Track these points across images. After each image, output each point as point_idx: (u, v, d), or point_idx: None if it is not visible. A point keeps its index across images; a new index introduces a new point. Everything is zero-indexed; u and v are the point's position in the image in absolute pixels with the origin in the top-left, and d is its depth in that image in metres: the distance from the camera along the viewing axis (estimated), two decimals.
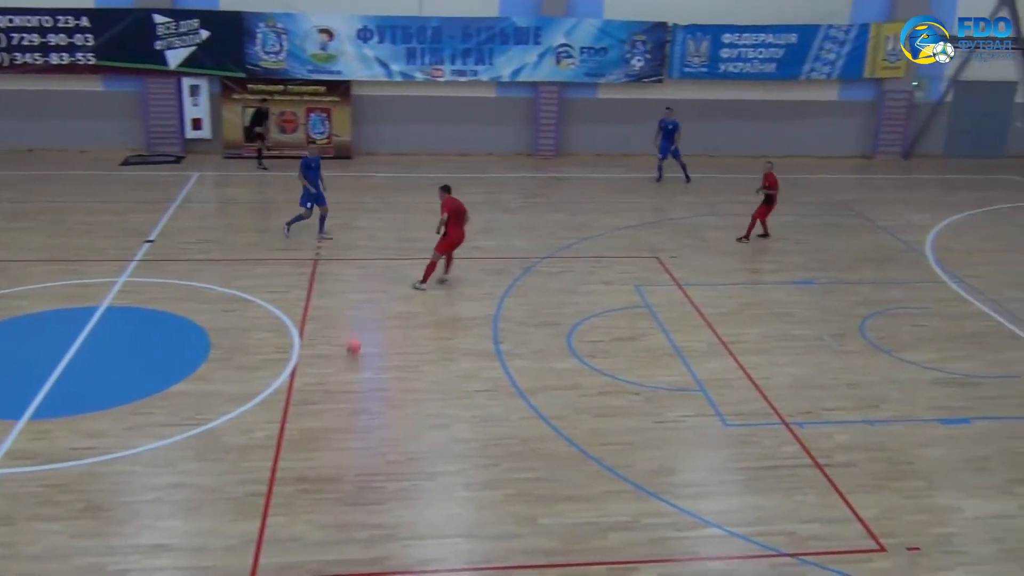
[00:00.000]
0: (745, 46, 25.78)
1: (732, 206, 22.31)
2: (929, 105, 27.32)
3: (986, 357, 14.61)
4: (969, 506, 10.75)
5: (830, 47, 26.02)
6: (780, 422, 12.41)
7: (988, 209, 22.79)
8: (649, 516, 10.31)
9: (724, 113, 26.26)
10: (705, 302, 16.25)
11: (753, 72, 26.06)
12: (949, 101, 27.46)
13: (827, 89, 27.04)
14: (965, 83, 27.21)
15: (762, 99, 26.62)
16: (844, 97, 27.19)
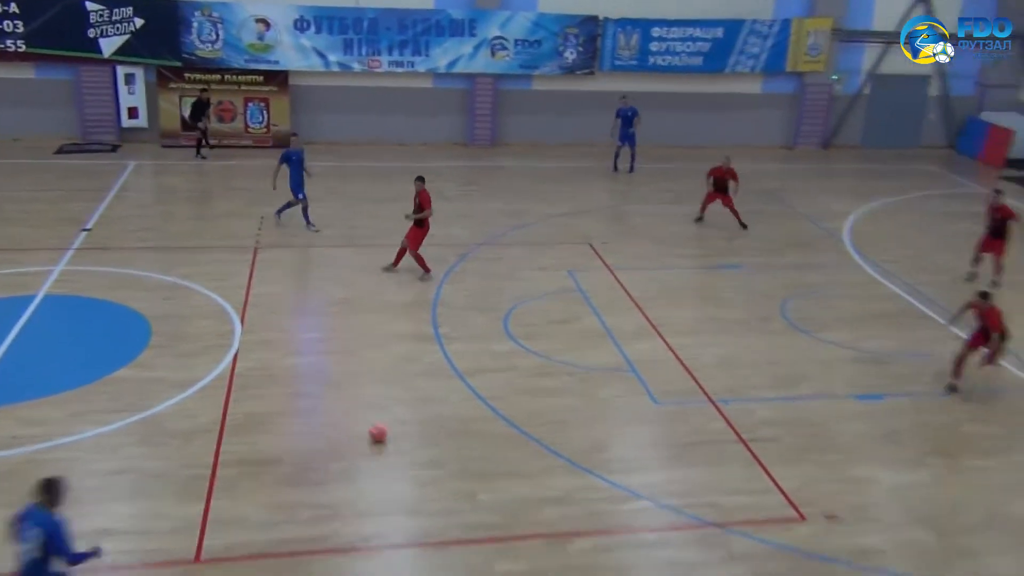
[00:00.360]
0: (673, 40, 26.12)
1: (661, 195, 22.70)
2: (847, 98, 28.01)
3: (899, 336, 15.14)
4: (883, 477, 11.20)
5: (754, 41, 26.50)
6: (707, 400, 12.74)
7: (902, 197, 23.49)
8: (583, 490, 10.54)
9: (653, 104, 26.55)
10: (635, 286, 16.54)
11: (681, 65, 26.43)
12: (867, 94, 28.18)
13: (751, 82, 27.54)
14: (882, 77, 27.96)
15: (689, 91, 27.01)
16: (767, 90, 27.71)
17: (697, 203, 20.73)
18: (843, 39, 27.22)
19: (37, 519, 7.27)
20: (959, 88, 28.42)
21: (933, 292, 17.02)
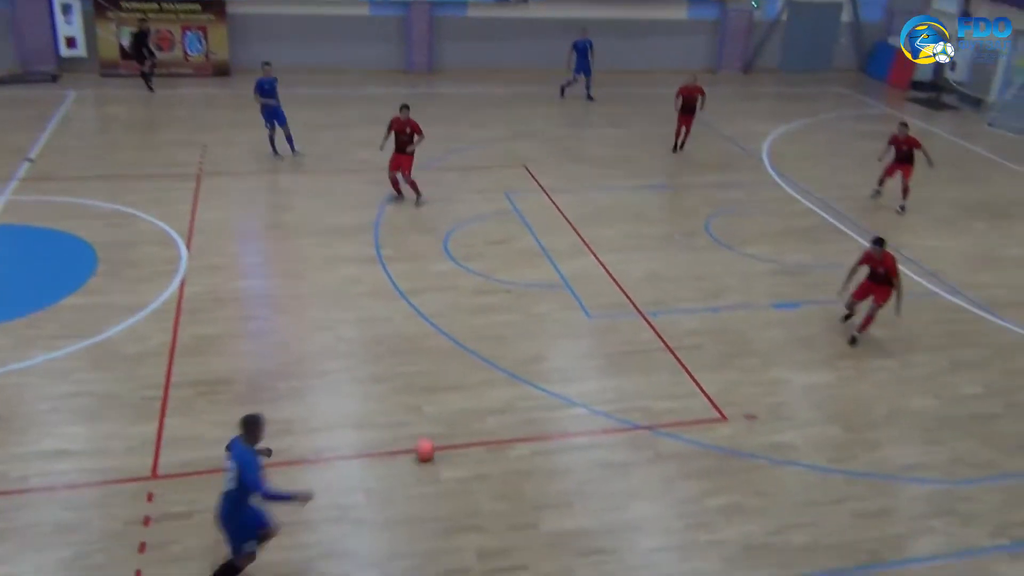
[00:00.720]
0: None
1: (592, 117, 22.50)
2: (766, 23, 27.89)
3: (813, 249, 15.38)
4: (797, 378, 11.47)
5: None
6: (637, 313, 12.84)
7: (816, 118, 23.66)
8: (522, 400, 10.60)
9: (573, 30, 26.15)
10: (568, 207, 16.46)
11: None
12: (784, 20, 28.08)
13: (677, 8, 27.22)
14: (797, 3, 27.85)
15: (619, 17, 26.58)
16: (692, 16, 27.43)
17: (625, 126, 20.62)
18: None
19: (235, 452, 7.37)
20: (869, 14, 28.47)
21: (844, 207, 17.28)
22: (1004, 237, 16.38)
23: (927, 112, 25.05)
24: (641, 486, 9.38)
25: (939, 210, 17.32)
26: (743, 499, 9.24)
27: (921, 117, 24.49)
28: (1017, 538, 8.94)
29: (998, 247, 15.93)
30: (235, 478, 7.26)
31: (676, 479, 9.50)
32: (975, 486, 9.68)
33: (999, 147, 21.90)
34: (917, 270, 14.67)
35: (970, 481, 9.75)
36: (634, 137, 21.04)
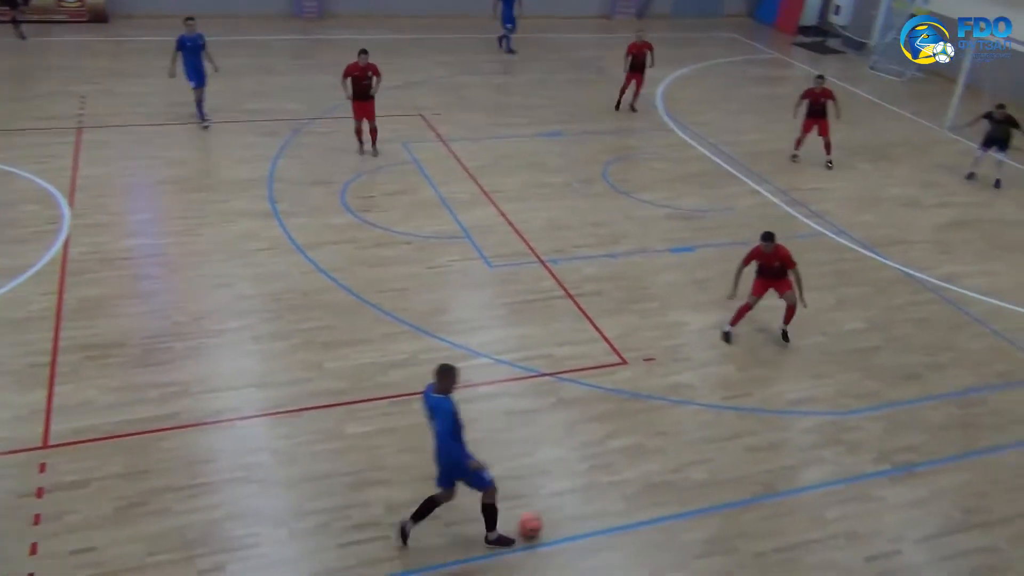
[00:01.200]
0: None
1: (489, 65, 22.27)
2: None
3: (707, 193, 15.71)
4: (693, 320, 11.78)
5: None
6: (537, 261, 12.91)
7: (709, 63, 23.99)
8: (426, 352, 10.58)
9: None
10: (467, 156, 16.35)
11: None
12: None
13: None
14: None
15: None
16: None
17: (521, 73, 20.48)
18: None
19: (429, 401, 7.58)
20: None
21: (735, 152, 17.66)
22: (886, 177, 17.06)
23: (813, 56, 25.71)
24: (545, 432, 9.53)
25: (823, 152, 17.85)
26: (644, 439, 9.49)
27: (807, 61, 25.13)
28: (897, 463, 9.48)
29: (880, 187, 16.59)
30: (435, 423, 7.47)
31: (579, 423, 9.69)
32: (859, 416, 10.19)
33: (880, 90, 22.69)
34: (805, 212, 15.17)
35: (855, 412, 10.26)
36: (530, 84, 20.97)
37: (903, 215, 15.50)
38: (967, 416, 10.37)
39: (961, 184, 16.99)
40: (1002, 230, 15.18)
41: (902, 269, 13.54)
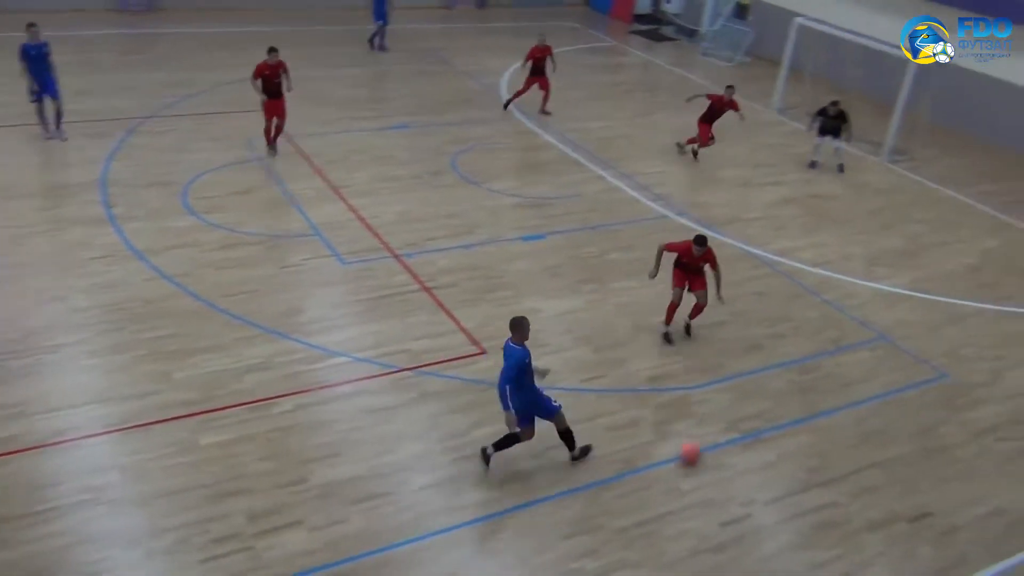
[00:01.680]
0: None
1: (334, 58, 21.81)
2: None
3: (554, 181, 15.99)
4: (548, 306, 11.98)
5: None
6: (391, 255, 12.80)
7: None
8: (281, 355, 10.32)
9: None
10: (313, 151, 16.00)
11: None
12: None
13: None
14: None
15: None
16: None
17: (366, 65, 20.17)
18: None
19: (507, 351, 8.44)
20: None
21: (578, 138, 18.03)
22: (721, 159, 17.83)
23: (648, 43, 26.55)
24: (408, 427, 9.48)
25: (664, 137, 18.50)
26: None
27: (643, 48, 25.95)
28: (744, 431, 9.97)
29: (717, 169, 17.34)
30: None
31: (441, 416, 9.69)
32: (708, 389, 10.66)
33: (712, 75, 23.67)
34: (649, 195, 15.69)
35: (703, 385, 10.72)
36: (376, 77, 20.74)
37: (738, 194, 16.27)
38: (806, 382, 11.02)
39: (790, 163, 17.98)
40: (826, 205, 16.18)
41: (740, 246, 14.21)
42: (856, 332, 12.16)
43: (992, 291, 13.66)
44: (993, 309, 13.13)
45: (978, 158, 19.28)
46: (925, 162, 18.61)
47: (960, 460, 9.91)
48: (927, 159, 18.75)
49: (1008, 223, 16.16)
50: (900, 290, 13.40)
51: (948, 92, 19.43)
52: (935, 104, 18.90)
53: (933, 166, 18.46)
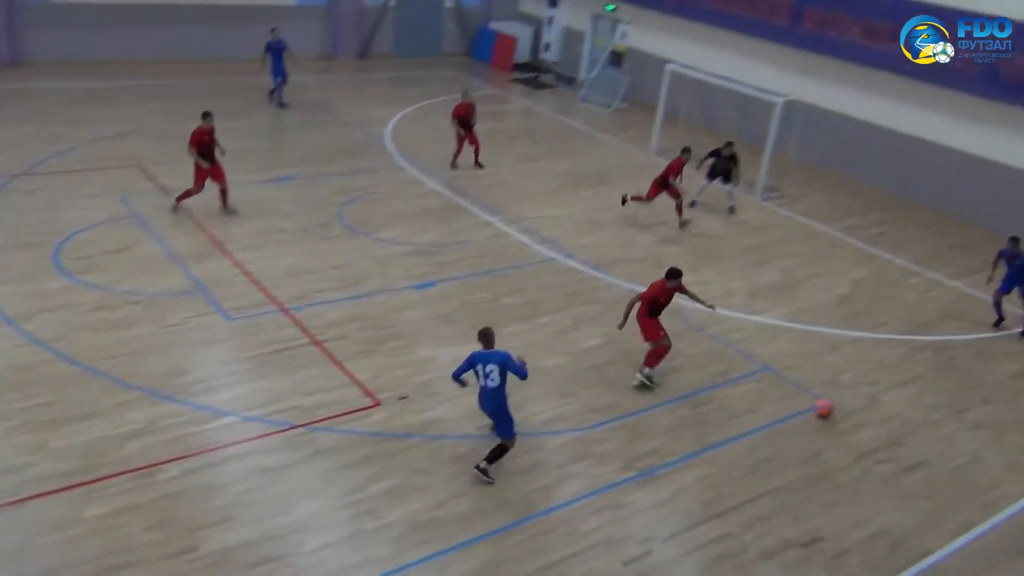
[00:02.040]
0: None
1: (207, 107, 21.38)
2: (376, 9, 28.34)
3: (443, 228, 16.04)
4: (442, 354, 11.94)
5: None
6: (278, 309, 12.55)
7: (432, 101, 24.53)
8: (165, 418, 9.94)
9: (191, 18, 24.81)
10: (195, 205, 15.60)
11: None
12: (392, 5, 28.71)
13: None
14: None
15: (225, 4, 25.52)
16: (299, 2, 27.06)
17: (244, 117, 19.87)
18: None
19: (491, 358, 9.36)
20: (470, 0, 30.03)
21: (464, 185, 18.18)
22: (603, 202, 18.27)
23: (529, 91, 27.12)
24: (302, 485, 9.24)
25: (549, 182, 18.88)
26: (405, 479, 9.47)
27: (524, 96, 26.48)
28: (640, 468, 10.12)
29: (600, 211, 17.75)
30: (501, 375, 9.31)
31: (337, 471, 9.49)
32: (604, 428, 10.79)
33: (592, 121, 24.34)
34: (536, 239, 15.91)
35: (599, 424, 10.85)
36: (258, 129, 20.46)
37: (622, 236, 16.68)
38: (697, 415, 11.30)
39: (669, 204, 18.54)
40: (707, 243, 16.76)
41: (627, 285, 14.53)
42: (741, 365, 12.57)
43: (864, 319, 14.37)
44: (867, 336, 13.81)
45: (843, 194, 20.37)
46: (795, 199, 19.54)
47: (844, 484, 10.31)
48: (796, 196, 19.70)
49: (875, 254, 17.08)
50: (780, 322, 13.95)
51: (812, 132, 20.54)
52: (800, 144, 19.93)
53: (802, 203, 19.40)
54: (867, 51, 20.00)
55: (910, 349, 13.55)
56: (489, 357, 9.38)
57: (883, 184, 20.69)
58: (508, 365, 9.32)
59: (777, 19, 21.77)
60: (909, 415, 11.80)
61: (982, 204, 18.91)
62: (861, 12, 20.00)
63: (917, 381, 12.67)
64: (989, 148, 18.76)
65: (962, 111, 18.96)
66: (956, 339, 14.04)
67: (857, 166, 21.17)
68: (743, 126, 21.77)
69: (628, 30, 26.64)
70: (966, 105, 18.79)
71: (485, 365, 9.34)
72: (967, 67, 18.16)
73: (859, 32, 20.09)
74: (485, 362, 9.35)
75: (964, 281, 16.17)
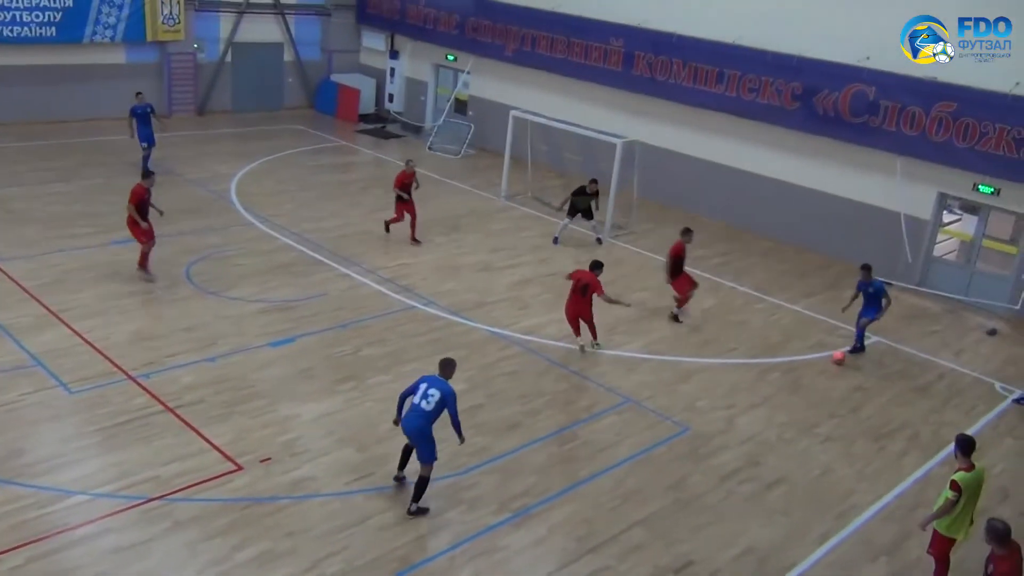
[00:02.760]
0: (19, 9, 23.21)
1: (36, 174, 20.31)
2: (212, 65, 27.76)
3: (298, 283, 15.73)
4: (305, 411, 11.65)
5: (109, 11, 24.77)
6: (126, 377, 11.93)
7: (278, 155, 24.16)
8: (5, 504, 9.24)
9: (10, 79, 23.56)
10: (25, 275, 14.69)
11: (33, 36, 23.66)
12: (228, 61, 28.19)
13: (114, 52, 25.76)
14: (240, 44, 28.15)
15: (48, 63, 24.38)
16: (132, 59, 26.15)
17: (77, 179, 18.97)
18: (198, 8, 26.82)
19: (439, 385, 9.66)
20: (308, 53, 29.84)
21: (317, 238, 17.93)
22: (459, 247, 18.42)
23: (376, 141, 27.13)
24: (163, 561, 8.74)
25: (403, 230, 18.83)
26: (273, 544, 9.12)
27: (372, 146, 26.47)
28: (514, 509, 10.14)
29: (456, 256, 17.87)
30: (438, 404, 9.54)
31: (200, 543, 9.04)
32: (475, 472, 10.76)
33: (441, 167, 24.56)
34: (394, 287, 15.84)
35: (470, 469, 10.81)
36: (90, 190, 19.51)
37: (480, 279, 16.83)
38: (565, 452, 11.45)
39: (524, 246, 18.92)
40: (562, 282, 17.11)
41: (488, 329, 14.66)
42: (604, 398, 12.86)
43: (716, 346, 15.01)
44: (718, 362, 14.42)
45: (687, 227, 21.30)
46: (641, 235, 20.30)
47: (710, 506, 10.66)
48: (642, 233, 20.47)
49: (720, 283, 17.93)
50: (637, 354, 14.39)
51: (652, 171, 21.46)
52: (642, 182, 20.78)
53: (649, 238, 20.17)
54: (695, 92, 21.17)
55: (760, 371, 14.24)
56: (438, 384, 9.71)
57: (723, 217, 21.81)
58: (448, 402, 9.60)
59: (611, 64, 22.75)
60: (765, 434, 12.36)
61: (813, 231, 20.25)
62: (686, 56, 21.19)
63: (769, 401, 13.31)
64: (813, 178, 20.16)
65: (787, 145, 20.32)
66: (801, 359, 14.86)
67: (697, 201, 22.24)
68: (586, 167, 22.51)
69: (469, 79, 27.18)
70: (791, 139, 20.16)
71: (429, 387, 9.64)
72: (788, 103, 19.53)
73: (687, 75, 21.26)
74: (432, 385, 9.67)
75: (804, 304, 17.19)
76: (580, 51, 23.39)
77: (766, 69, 19.84)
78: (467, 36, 26.37)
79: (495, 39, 25.55)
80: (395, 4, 28.47)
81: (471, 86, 27.31)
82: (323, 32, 30.03)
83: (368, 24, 30.09)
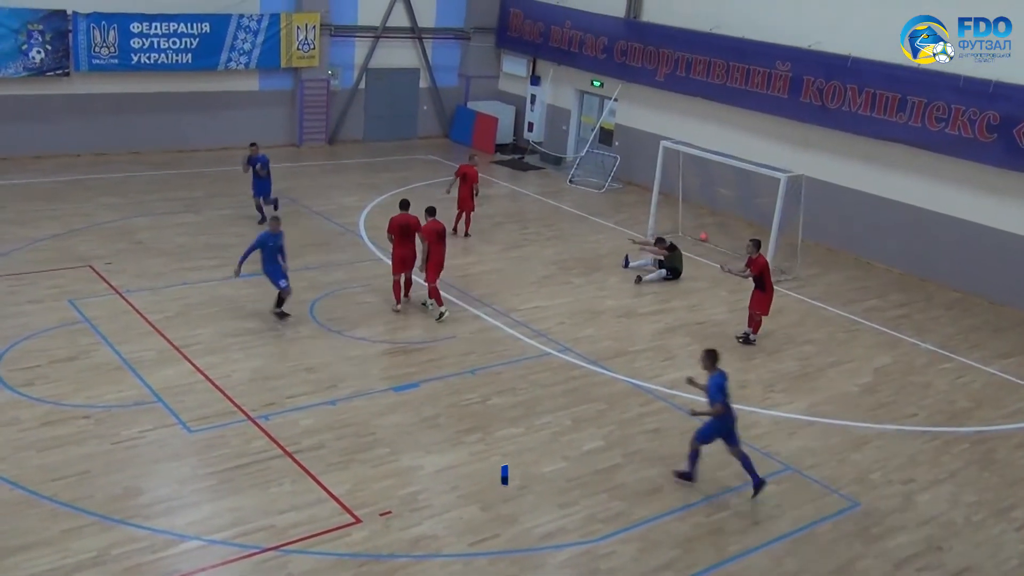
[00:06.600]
0: (157, 36, 24.95)
1: (165, 203, 21.60)
2: (345, 92, 28.96)
3: (425, 324, 16.05)
4: (428, 462, 11.82)
5: (244, 37, 26.27)
6: (245, 418, 12.43)
7: (408, 187, 24.85)
8: (119, 545, 9.72)
9: (144, 107, 25.25)
10: (150, 307, 15.60)
11: (169, 63, 25.36)
12: (362, 88, 29.37)
13: (248, 79, 27.28)
14: (375, 70, 29.31)
15: (182, 91, 26.05)
16: (265, 87, 27.62)
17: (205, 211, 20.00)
18: (333, 34, 28.11)
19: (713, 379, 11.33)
20: (444, 79, 30.75)
21: (446, 276, 18.17)
22: (600, 290, 18.40)
23: (513, 173, 27.56)
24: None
25: (539, 270, 19.01)
26: None
27: (508, 179, 26.90)
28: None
29: (596, 300, 17.85)
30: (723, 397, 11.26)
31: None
32: (611, 540, 10.61)
33: (582, 202, 24.69)
34: (528, 332, 15.94)
35: (606, 536, 10.67)
36: (218, 221, 20.59)
37: (622, 326, 16.73)
38: (714, 523, 11.15)
39: (672, 290, 18.71)
40: (714, 331, 16.82)
41: (629, 381, 14.52)
42: (761, 464, 12.46)
43: (892, 410, 14.36)
44: (895, 429, 13.77)
45: (858, 274, 20.61)
46: (806, 281, 19.73)
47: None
48: (808, 278, 19.90)
49: (899, 339, 17.18)
50: (799, 416, 13.92)
51: (819, 209, 20.88)
52: (807, 222, 20.24)
53: (815, 285, 19.59)
54: (871, 121, 20.54)
55: (944, 442, 13.51)
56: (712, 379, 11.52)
57: (900, 263, 20.96)
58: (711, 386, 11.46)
59: (775, 91, 22.40)
60: (949, 516, 11.69)
61: (1011, 281, 19.15)
62: (862, 82, 20.60)
63: (955, 477, 12.60)
64: (1011, 221, 19.12)
65: (982, 183, 19.38)
66: (994, 429, 14.02)
67: (870, 244, 21.48)
68: (744, 204, 22.13)
69: (617, 106, 27.31)
70: (985, 176, 19.22)
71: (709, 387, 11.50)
72: (982, 135, 18.67)
73: (863, 103, 20.67)
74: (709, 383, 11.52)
75: (998, 366, 16.25)
76: (740, 76, 23.14)
77: (957, 96, 19.04)
78: (615, 60, 26.53)
79: (646, 63, 25.62)
80: (538, 26, 29.01)
81: (618, 114, 27.41)
82: (461, 57, 30.89)
83: (508, 48, 30.75)
